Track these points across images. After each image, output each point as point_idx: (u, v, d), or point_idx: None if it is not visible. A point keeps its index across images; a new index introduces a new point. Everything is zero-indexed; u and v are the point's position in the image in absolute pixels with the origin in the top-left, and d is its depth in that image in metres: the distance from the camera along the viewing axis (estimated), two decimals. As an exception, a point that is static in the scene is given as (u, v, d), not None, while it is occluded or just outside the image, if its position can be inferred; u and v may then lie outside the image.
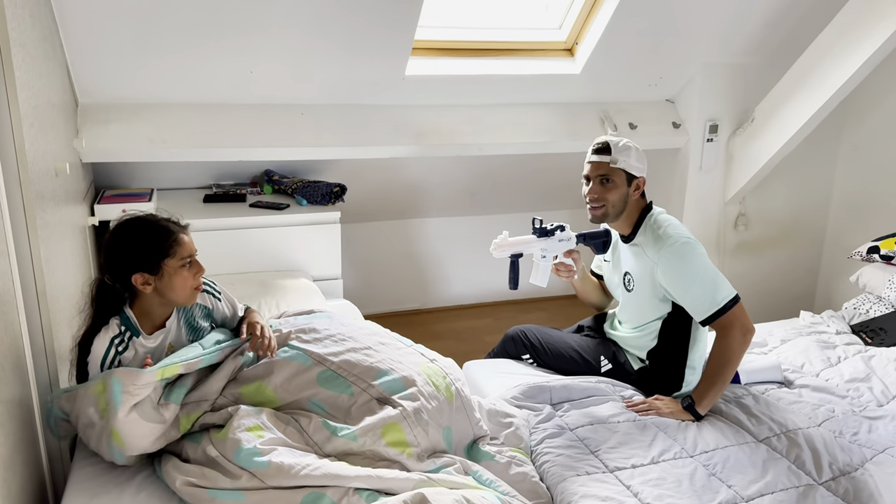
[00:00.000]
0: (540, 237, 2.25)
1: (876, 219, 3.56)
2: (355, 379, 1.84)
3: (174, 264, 1.75)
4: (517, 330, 2.51)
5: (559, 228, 2.27)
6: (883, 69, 3.41)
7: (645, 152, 2.27)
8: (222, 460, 1.64)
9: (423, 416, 1.79)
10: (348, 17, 2.69)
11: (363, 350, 1.93)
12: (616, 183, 2.17)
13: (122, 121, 2.82)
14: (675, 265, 2.12)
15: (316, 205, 3.11)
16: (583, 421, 2.04)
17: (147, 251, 1.74)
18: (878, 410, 2.18)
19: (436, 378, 1.90)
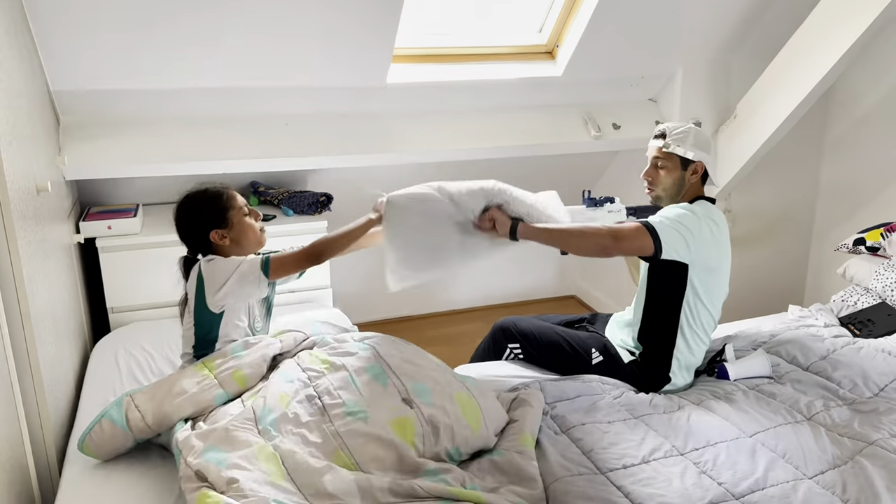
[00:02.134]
0: (589, 207, 2.36)
1: (862, 211, 3.58)
2: (394, 377, 1.92)
3: (237, 214, 2.07)
4: (507, 320, 2.52)
5: (609, 200, 2.38)
6: (864, 61, 3.43)
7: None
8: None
9: (439, 427, 1.81)
10: (328, 26, 2.69)
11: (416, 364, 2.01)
12: (668, 167, 2.28)
13: (105, 137, 2.81)
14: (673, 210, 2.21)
15: (302, 215, 3.11)
16: (575, 421, 2.04)
17: (213, 210, 2.05)
18: (868, 403, 2.18)
19: (468, 407, 1.91)
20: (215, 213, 2.05)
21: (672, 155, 2.26)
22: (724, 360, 2.38)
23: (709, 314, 2.31)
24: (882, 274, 2.91)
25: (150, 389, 1.86)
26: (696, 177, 2.28)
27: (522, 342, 2.45)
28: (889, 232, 3.01)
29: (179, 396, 1.82)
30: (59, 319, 2.17)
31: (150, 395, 1.83)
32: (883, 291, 2.86)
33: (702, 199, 2.31)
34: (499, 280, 4.26)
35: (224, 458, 1.64)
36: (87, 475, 1.76)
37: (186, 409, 1.80)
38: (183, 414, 1.80)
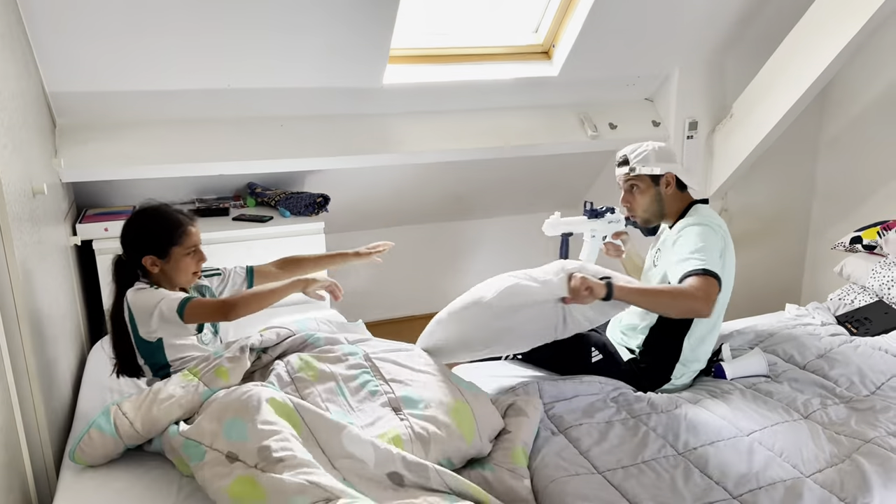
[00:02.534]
0: (590, 218, 2.41)
1: (858, 209, 3.59)
2: (383, 382, 1.92)
3: (180, 252, 1.98)
4: None
5: (609, 210, 2.44)
6: (859, 60, 3.44)
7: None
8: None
9: (429, 442, 1.79)
10: (323, 27, 2.69)
11: (407, 367, 2.01)
12: (642, 188, 2.33)
13: (101, 139, 2.81)
14: (687, 233, 2.21)
15: (299, 216, 3.11)
16: (572, 421, 2.04)
17: (159, 237, 1.97)
18: (865, 401, 2.19)
19: (462, 416, 1.88)
20: (160, 241, 1.97)
21: (640, 176, 2.31)
22: (721, 360, 2.39)
23: (718, 317, 2.33)
24: (878, 272, 2.92)
25: (136, 398, 1.84)
26: (671, 187, 2.32)
27: None
28: (885, 230, 3.01)
29: (167, 401, 1.80)
30: (55, 322, 2.17)
31: (137, 402, 1.81)
32: (880, 289, 2.86)
33: (695, 204, 2.32)
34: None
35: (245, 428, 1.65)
36: (84, 478, 1.76)
37: (175, 412, 1.79)
38: (172, 417, 1.78)
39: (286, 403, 1.74)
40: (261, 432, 1.63)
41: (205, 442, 1.68)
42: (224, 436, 1.66)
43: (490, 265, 4.20)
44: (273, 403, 1.71)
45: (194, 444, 1.68)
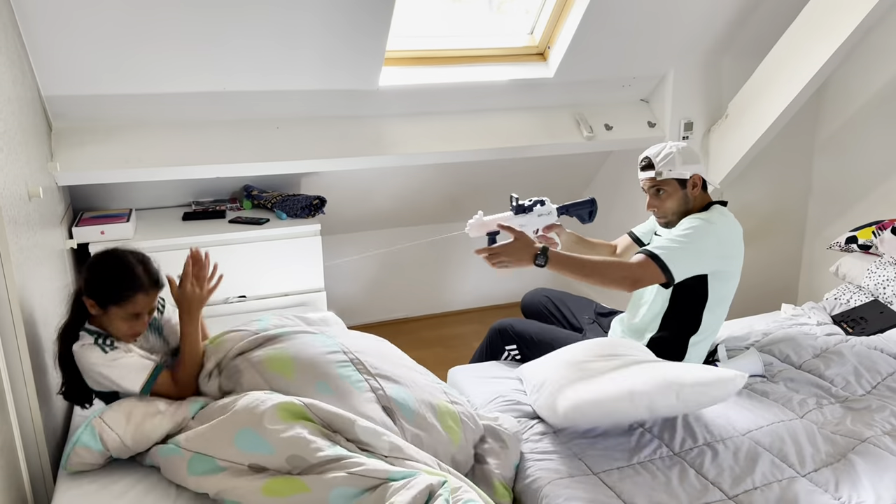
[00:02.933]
0: (517, 214, 2.25)
1: (853, 209, 3.60)
2: (371, 379, 1.88)
3: (119, 313, 1.84)
4: (504, 322, 2.53)
5: (539, 203, 2.28)
6: (854, 60, 3.45)
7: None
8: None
9: (421, 443, 1.81)
10: (319, 29, 2.69)
11: (389, 360, 1.99)
12: (669, 191, 2.29)
13: (97, 143, 2.81)
14: (686, 223, 2.22)
15: (296, 218, 3.11)
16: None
17: (102, 287, 1.84)
18: (861, 400, 2.19)
19: (449, 419, 1.90)
20: (101, 291, 1.84)
21: (668, 180, 2.27)
22: (717, 360, 2.39)
23: (720, 319, 2.34)
24: (874, 272, 2.92)
25: (121, 409, 1.80)
26: (698, 188, 2.30)
27: (519, 343, 2.46)
28: (881, 230, 3.02)
29: (156, 415, 1.79)
30: (52, 325, 2.17)
31: (124, 414, 1.78)
32: (875, 289, 2.87)
33: (714, 204, 2.32)
34: (493, 281, 4.27)
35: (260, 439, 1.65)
36: (81, 482, 1.76)
37: (165, 426, 1.78)
38: (162, 431, 1.77)
39: (295, 404, 1.74)
40: (283, 441, 1.64)
41: (218, 455, 1.67)
42: (238, 447, 1.66)
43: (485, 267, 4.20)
44: (282, 409, 1.71)
45: (206, 458, 1.68)
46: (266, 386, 1.85)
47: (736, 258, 2.28)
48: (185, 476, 1.69)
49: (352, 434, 1.71)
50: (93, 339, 1.85)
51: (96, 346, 1.84)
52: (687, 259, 2.16)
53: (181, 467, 1.70)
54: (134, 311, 1.85)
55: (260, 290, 3.01)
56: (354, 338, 2.08)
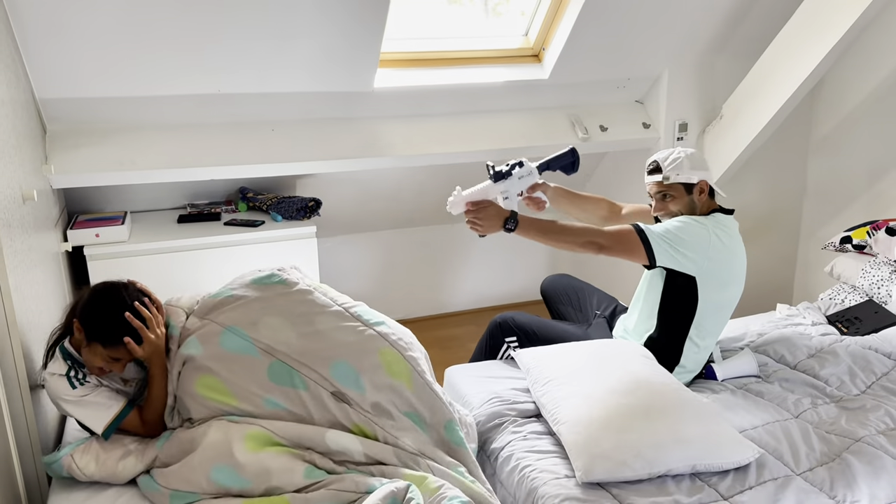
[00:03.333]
0: (496, 181, 2.19)
1: (848, 209, 3.61)
2: (307, 371, 1.80)
3: (101, 352, 1.79)
4: (505, 315, 2.53)
5: (517, 165, 2.21)
6: (848, 60, 3.46)
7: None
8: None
9: (382, 405, 1.80)
10: (314, 31, 2.69)
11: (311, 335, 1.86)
12: (675, 196, 2.28)
13: (92, 145, 2.81)
14: (677, 218, 2.22)
15: (291, 220, 3.11)
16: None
17: (94, 324, 1.79)
18: (855, 400, 2.20)
19: (395, 365, 1.85)
20: (95, 329, 1.78)
21: (675, 185, 2.26)
22: (712, 361, 2.40)
23: (718, 324, 2.34)
24: (868, 272, 2.93)
25: (90, 452, 1.78)
26: (705, 195, 2.30)
27: (520, 335, 2.46)
28: (875, 230, 3.03)
29: (127, 456, 1.78)
30: (46, 329, 2.16)
31: (93, 457, 1.77)
32: (870, 289, 2.88)
33: (716, 211, 2.31)
34: (490, 282, 4.27)
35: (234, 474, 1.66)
36: (75, 489, 1.75)
37: (136, 467, 1.77)
38: (133, 471, 1.76)
39: (260, 431, 1.72)
40: (258, 475, 1.64)
41: (196, 490, 1.67)
42: (215, 482, 1.66)
43: (482, 268, 4.21)
44: (250, 438, 1.70)
45: (187, 495, 1.68)
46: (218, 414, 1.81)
47: (726, 264, 2.25)
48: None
49: (323, 447, 1.71)
50: (65, 370, 1.82)
51: (65, 379, 1.80)
52: (669, 247, 2.14)
53: (163, 501, 1.70)
54: (117, 357, 1.80)
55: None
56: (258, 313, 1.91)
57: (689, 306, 2.24)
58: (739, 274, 2.31)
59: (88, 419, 1.81)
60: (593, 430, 1.85)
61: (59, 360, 1.84)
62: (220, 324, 1.89)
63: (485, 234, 2.14)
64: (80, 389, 1.81)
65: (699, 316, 2.25)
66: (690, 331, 2.27)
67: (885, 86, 3.32)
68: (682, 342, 2.29)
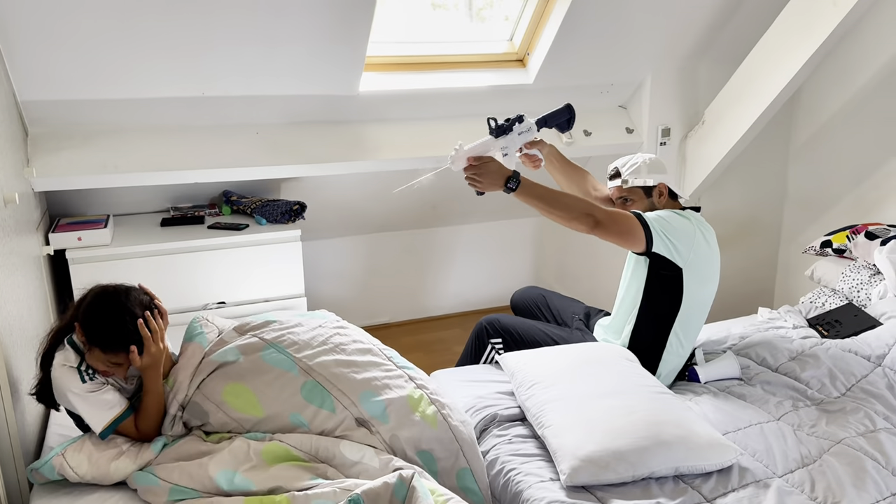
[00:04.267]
0: (498, 136, 2.19)
1: (828, 213, 3.65)
2: (339, 394, 1.86)
3: (101, 357, 1.78)
4: (491, 317, 2.55)
5: (517, 120, 2.20)
6: (828, 67, 3.50)
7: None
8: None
9: (400, 441, 1.82)
10: (299, 34, 2.69)
11: (350, 364, 1.94)
12: (635, 200, 2.36)
13: (74, 148, 2.79)
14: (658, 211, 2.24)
15: (276, 224, 3.10)
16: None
17: (95, 329, 1.77)
18: (836, 402, 2.22)
19: (422, 404, 1.91)
20: (91, 330, 1.77)
21: (633, 188, 2.33)
22: (695, 364, 2.42)
23: (700, 321, 2.36)
24: (848, 275, 2.97)
25: (83, 450, 1.77)
26: (664, 197, 2.35)
27: (505, 337, 2.48)
28: (855, 234, 3.07)
29: (119, 457, 1.77)
30: (28, 334, 2.15)
31: (86, 456, 1.76)
32: (849, 292, 2.92)
33: (686, 209, 2.35)
34: (474, 286, 4.28)
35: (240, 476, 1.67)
36: (57, 494, 1.74)
37: (129, 468, 1.76)
38: (126, 472, 1.75)
39: (279, 445, 1.75)
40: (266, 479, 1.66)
41: (198, 488, 1.68)
42: (219, 485, 1.67)
43: (467, 271, 4.22)
44: (267, 452, 1.72)
45: (187, 490, 1.68)
46: (238, 425, 1.84)
47: (707, 260, 2.29)
48: (163, 501, 1.68)
49: (339, 457, 1.72)
50: (76, 361, 1.80)
51: (76, 371, 1.79)
52: (661, 235, 2.17)
53: (160, 495, 1.69)
54: (117, 362, 1.80)
55: (239, 296, 3.00)
56: (305, 337, 2.00)
57: (674, 301, 2.26)
58: (717, 271, 2.35)
59: (90, 416, 1.79)
60: (578, 433, 1.86)
61: (69, 351, 1.82)
62: (264, 339, 1.96)
63: (484, 191, 2.12)
64: (89, 384, 1.79)
65: (683, 311, 2.28)
66: (675, 325, 2.29)
67: (864, 93, 3.37)
68: (665, 339, 2.30)
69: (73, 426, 1.93)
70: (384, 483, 1.53)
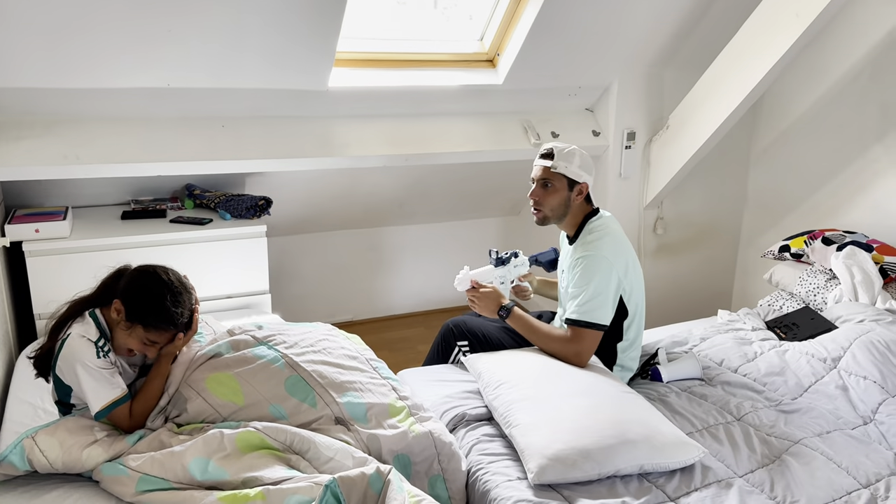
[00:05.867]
0: (497, 266, 2.46)
1: (786, 219, 3.74)
2: (321, 391, 1.89)
3: (140, 335, 1.80)
4: (457, 319, 2.56)
5: (513, 255, 2.48)
6: (789, 75, 3.59)
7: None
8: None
9: (378, 442, 1.83)
10: (269, 27, 2.66)
11: (335, 365, 1.99)
12: (556, 187, 2.30)
13: (34, 137, 2.71)
14: (581, 270, 2.26)
15: (240, 219, 3.06)
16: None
17: (141, 306, 1.79)
18: (793, 404, 2.28)
19: (402, 413, 1.94)
20: (135, 309, 1.79)
21: (560, 175, 2.29)
22: (657, 363, 2.46)
23: (641, 325, 2.40)
24: (805, 279, 3.04)
25: (56, 434, 1.73)
26: (581, 198, 2.33)
27: (471, 339, 2.49)
28: (812, 239, 3.15)
29: (92, 445, 1.73)
30: (-17, 326, 2.09)
31: (58, 441, 1.71)
32: (806, 296, 2.99)
33: (591, 216, 2.35)
34: (440, 284, 4.28)
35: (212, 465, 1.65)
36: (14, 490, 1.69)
37: (100, 456, 1.72)
38: (97, 461, 1.72)
39: (252, 433, 1.73)
40: (239, 467, 1.64)
41: (169, 478, 1.65)
42: (192, 474, 1.65)
43: (432, 270, 4.22)
44: (240, 439, 1.71)
45: (156, 480, 1.65)
46: (215, 413, 1.84)
47: (632, 269, 2.32)
48: (131, 492, 1.65)
49: (314, 451, 1.72)
50: (96, 336, 1.79)
51: (93, 346, 1.77)
52: (607, 303, 2.23)
53: (128, 485, 1.66)
54: (154, 341, 1.83)
55: (203, 292, 2.90)
56: (295, 338, 2.06)
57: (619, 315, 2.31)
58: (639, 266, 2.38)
59: (94, 392, 1.76)
60: (545, 432, 1.87)
61: (90, 324, 1.81)
62: (255, 337, 2.03)
63: (479, 313, 2.39)
64: (102, 361, 1.78)
65: (630, 317, 2.33)
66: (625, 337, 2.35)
67: (823, 101, 3.46)
68: (615, 347, 2.35)
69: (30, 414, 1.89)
70: (361, 473, 1.54)
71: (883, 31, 3.12)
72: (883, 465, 1.96)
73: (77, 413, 1.84)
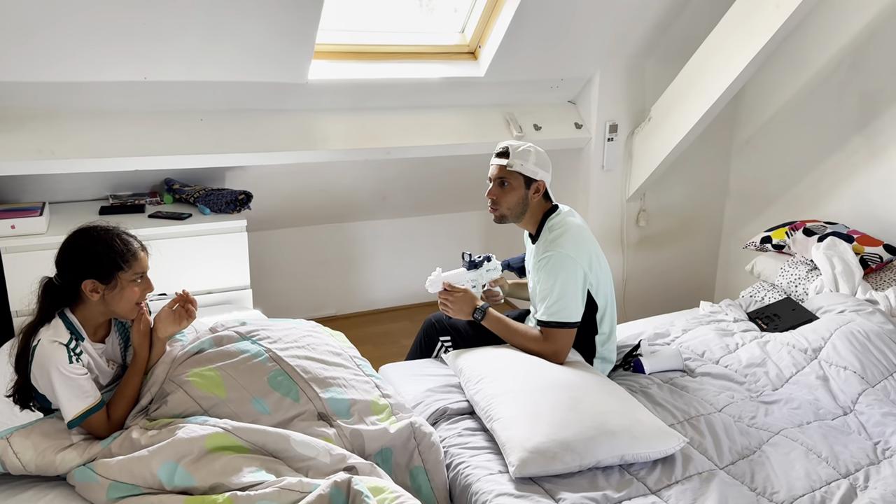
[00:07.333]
0: (469, 269, 2.43)
1: (768, 210, 3.76)
2: (304, 385, 1.88)
3: (127, 277, 1.79)
4: (438, 314, 2.55)
5: (486, 259, 2.46)
6: (770, 67, 3.60)
7: (550, 152, 2.34)
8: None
9: (361, 438, 1.82)
10: (247, 19, 2.62)
11: (319, 361, 1.99)
12: (513, 185, 2.29)
13: (8, 132, 2.67)
14: (545, 270, 2.25)
15: (220, 213, 3.03)
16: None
17: (105, 260, 1.76)
18: (773, 395, 2.29)
19: (383, 412, 1.93)
20: (106, 264, 1.76)
21: (516, 173, 2.28)
22: (640, 355, 2.46)
23: (613, 317, 2.40)
24: (787, 270, 3.06)
25: (30, 438, 1.71)
26: (539, 195, 2.32)
27: (453, 334, 2.49)
28: (793, 230, 3.16)
29: (67, 448, 1.71)
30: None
31: (32, 444, 1.69)
32: (788, 287, 3.00)
33: (550, 214, 2.35)
34: (421, 279, 4.25)
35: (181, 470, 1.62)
36: None
37: (74, 460, 1.70)
38: (71, 465, 1.69)
39: (220, 434, 1.70)
40: (207, 473, 1.62)
41: (138, 483, 1.63)
42: (161, 478, 1.62)
43: (415, 264, 4.21)
44: (209, 441, 1.68)
45: (126, 486, 1.63)
46: (196, 405, 1.82)
47: (596, 262, 2.31)
48: (103, 500, 1.63)
49: (288, 451, 1.70)
50: (67, 338, 1.73)
51: (65, 349, 1.72)
52: (576, 300, 2.23)
53: (99, 492, 1.64)
54: (141, 270, 1.82)
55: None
56: (279, 334, 2.05)
57: (590, 310, 2.31)
58: (598, 247, 2.38)
59: (67, 400, 1.72)
60: (526, 425, 1.87)
61: (60, 327, 1.75)
62: (238, 333, 2.03)
63: (452, 317, 2.37)
64: (75, 366, 1.73)
65: (601, 310, 2.33)
66: (600, 329, 2.35)
67: (804, 93, 3.47)
68: (593, 340, 2.36)
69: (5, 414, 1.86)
70: (318, 496, 1.52)
71: (863, 22, 3.13)
72: (862, 456, 1.97)
73: (56, 416, 1.81)
